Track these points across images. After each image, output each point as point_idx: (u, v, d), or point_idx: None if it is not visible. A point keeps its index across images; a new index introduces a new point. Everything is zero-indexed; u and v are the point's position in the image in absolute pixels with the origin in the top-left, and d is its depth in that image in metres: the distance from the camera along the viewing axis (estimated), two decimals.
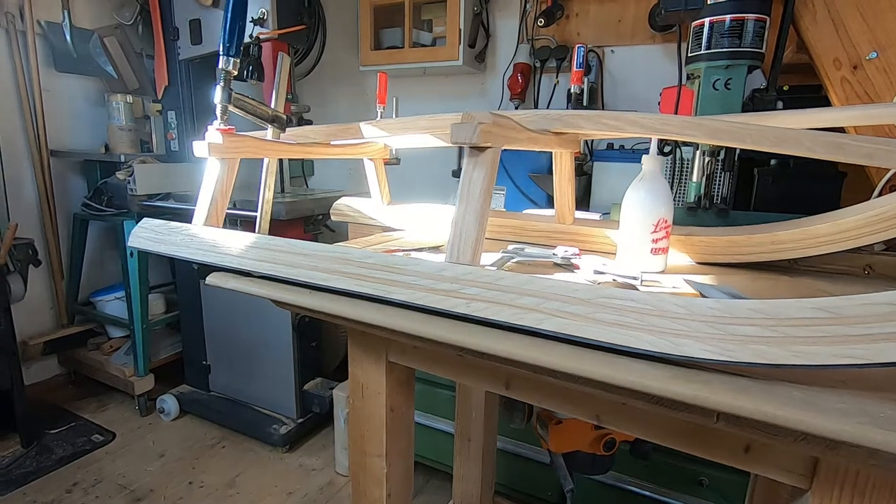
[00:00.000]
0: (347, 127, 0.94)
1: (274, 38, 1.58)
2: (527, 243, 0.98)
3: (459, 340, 0.51)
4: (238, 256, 0.68)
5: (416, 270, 0.55)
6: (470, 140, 0.53)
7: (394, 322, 0.55)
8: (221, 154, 0.75)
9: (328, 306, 0.60)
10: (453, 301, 0.53)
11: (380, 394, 0.71)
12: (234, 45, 0.74)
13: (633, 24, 1.66)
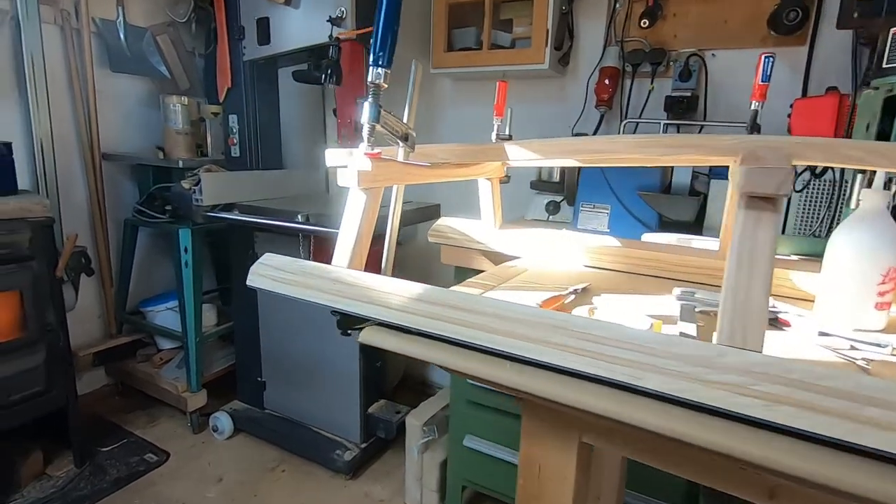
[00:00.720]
0: (487, 148, 0.82)
1: (352, 39, 1.46)
2: (683, 282, 0.85)
3: (770, 460, 0.38)
4: (401, 311, 0.56)
5: (678, 353, 0.43)
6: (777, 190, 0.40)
7: (654, 422, 0.43)
8: (371, 183, 0.63)
9: (547, 390, 0.47)
10: (741, 400, 0.40)
11: (566, 479, 0.59)
12: (386, 54, 0.62)
13: (742, 26, 1.51)
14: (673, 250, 0.90)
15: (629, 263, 0.92)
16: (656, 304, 0.73)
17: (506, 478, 1.36)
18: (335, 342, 1.72)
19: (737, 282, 0.43)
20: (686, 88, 1.53)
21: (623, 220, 1.32)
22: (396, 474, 1.73)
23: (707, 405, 0.41)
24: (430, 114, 2.08)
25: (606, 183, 1.32)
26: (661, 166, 1.30)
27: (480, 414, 1.38)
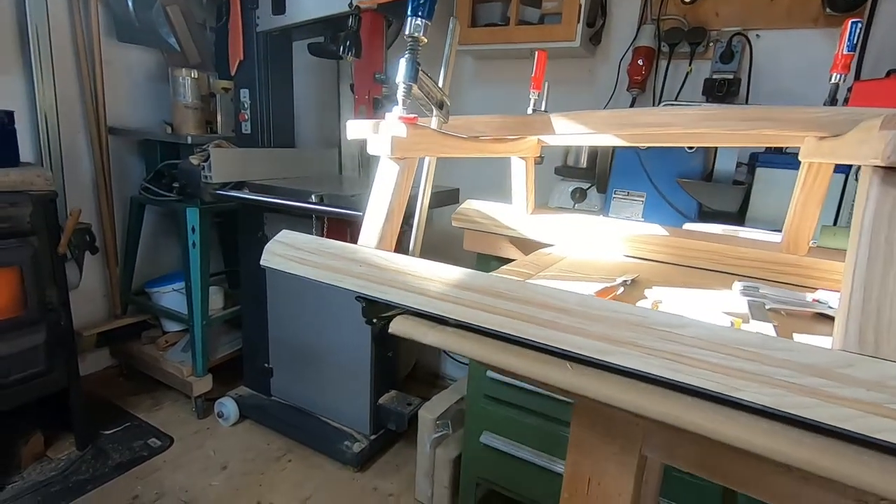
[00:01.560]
0: (530, 119, 0.73)
1: (373, 9, 1.37)
2: (740, 276, 0.77)
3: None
4: (440, 299, 0.48)
5: (791, 360, 0.35)
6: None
7: (757, 442, 0.35)
8: (405, 152, 0.55)
9: (618, 397, 0.40)
10: (875, 422, 0.32)
11: (621, 496, 0.51)
12: (428, 2, 0.54)
13: (791, 4, 1.40)
14: (727, 241, 0.81)
15: (678, 254, 0.83)
16: (718, 299, 0.65)
17: (525, 478, 1.29)
18: (345, 329, 1.65)
19: (869, 275, 0.34)
20: (727, 71, 1.43)
21: (659, 209, 1.23)
22: (406, 469, 1.67)
23: (830, 426, 0.33)
24: (454, 92, 1.99)
25: (643, 169, 1.23)
26: (703, 153, 1.21)
27: (499, 410, 1.31)
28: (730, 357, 0.37)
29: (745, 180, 1.25)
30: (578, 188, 1.54)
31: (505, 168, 0.96)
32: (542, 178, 1.61)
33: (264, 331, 1.84)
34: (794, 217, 0.73)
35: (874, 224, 0.35)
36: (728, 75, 1.43)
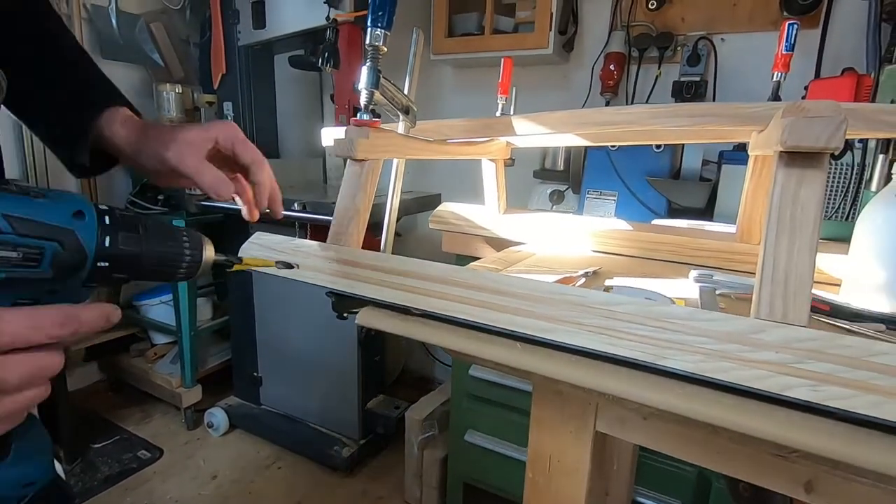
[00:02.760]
0: (493, 122, 0.77)
1: (350, 22, 1.42)
2: (699, 266, 0.81)
3: (815, 446, 0.34)
4: (402, 290, 0.52)
5: (709, 329, 0.39)
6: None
7: (680, 406, 0.38)
8: (368, 154, 0.58)
9: (560, 372, 0.43)
10: (784, 380, 0.35)
11: (577, 472, 0.55)
12: (386, 14, 0.58)
13: (752, 8, 1.46)
14: (687, 233, 0.85)
15: (641, 248, 0.87)
16: (673, 286, 0.69)
17: (509, 474, 1.31)
18: (333, 336, 1.67)
19: (777, 248, 0.38)
20: (694, 74, 1.49)
21: (631, 207, 1.28)
22: (396, 471, 1.69)
23: (743, 386, 0.37)
24: (430, 101, 2.04)
25: (613, 168, 1.27)
26: (670, 151, 1.26)
27: (482, 408, 1.34)
28: (658, 329, 0.40)
29: (713, 177, 1.30)
30: (556, 190, 1.58)
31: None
32: (520, 182, 1.66)
33: (253, 340, 1.86)
34: (746, 208, 0.77)
35: (780, 203, 0.39)
36: (695, 78, 1.48)
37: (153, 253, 0.34)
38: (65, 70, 0.52)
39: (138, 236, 0.33)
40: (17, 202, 0.28)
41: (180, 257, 0.36)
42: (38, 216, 0.28)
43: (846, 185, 1.07)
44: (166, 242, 0.35)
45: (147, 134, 0.51)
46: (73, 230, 0.30)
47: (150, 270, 0.35)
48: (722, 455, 0.47)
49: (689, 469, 1.11)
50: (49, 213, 0.29)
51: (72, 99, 0.51)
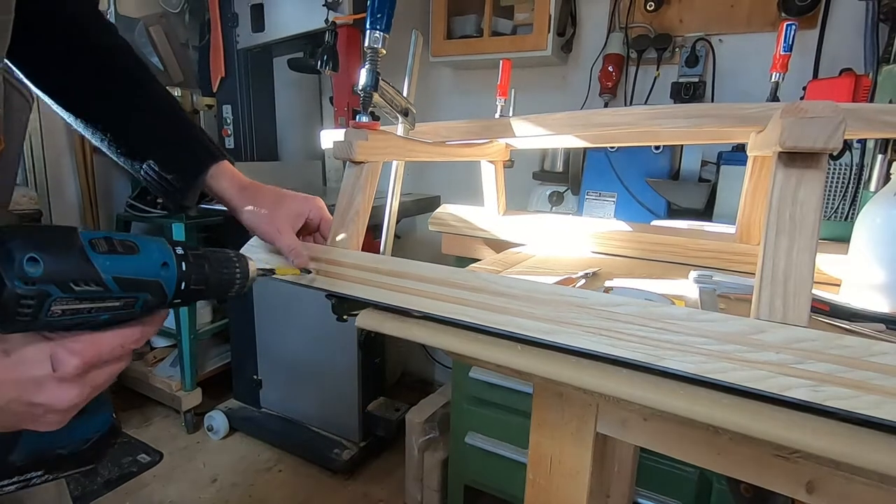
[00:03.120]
0: (492, 123, 0.77)
1: (349, 24, 1.42)
2: (699, 266, 0.81)
3: (815, 447, 0.34)
4: (402, 293, 0.52)
5: (708, 330, 0.38)
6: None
7: (681, 406, 0.38)
8: (368, 156, 0.58)
9: (561, 373, 0.43)
10: (784, 380, 0.35)
11: (578, 473, 0.54)
12: (384, 16, 0.58)
13: (750, 9, 1.47)
14: (687, 234, 0.85)
15: (640, 249, 0.87)
16: (673, 287, 0.69)
17: (510, 476, 1.31)
18: (333, 339, 1.67)
19: (776, 249, 0.38)
20: (693, 75, 1.49)
21: (630, 208, 1.28)
22: (396, 474, 1.68)
23: (744, 387, 0.37)
24: (428, 103, 2.04)
25: (613, 170, 1.27)
26: (669, 152, 1.26)
27: (483, 410, 1.34)
28: (658, 330, 0.40)
29: (713, 178, 1.30)
30: (555, 191, 1.58)
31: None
32: (520, 183, 1.67)
33: (253, 343, 1.86)
34: (746, 208, 0.77)
35: (780, 203, 0.39)
36: (694, 79, 1.48)
37: (215, 282, 0.40)
38: (178, 124, 0.61)
39: (205, 274, 0.39)
40: (122, 263, 0.34)
41: (234, 279, 0.43)
42: (136, 273, 0.34)
43: (845, 185, 1.07)
44: (223, 270, 0.41)
45: (250, 194, 0.61)
46: (159, 281, 0.36)
47: (211, 295, 0.41)
48: (723, 456, 0.47)
49: (691, 470, 1.11)
50: (143, 268, 0.35)
51: (185, 153, 0.60)
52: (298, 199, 0.61)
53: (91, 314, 0.33)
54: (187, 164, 0.60)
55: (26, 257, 0.29)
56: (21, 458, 0.37)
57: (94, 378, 0.35)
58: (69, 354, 0.33)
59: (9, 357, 0.32)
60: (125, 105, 0.59)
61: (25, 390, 0.32)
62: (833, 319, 0.52)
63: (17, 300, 0.29)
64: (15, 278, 0.29)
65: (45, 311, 0.30)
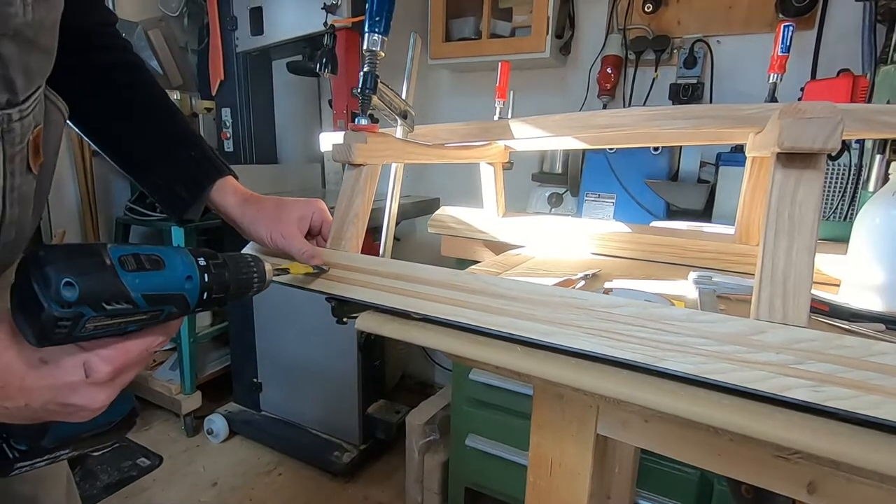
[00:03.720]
0: (491, 125, 0.77)
1: (347, 27, 1.42)
2: (698, 268, 0.81)
3: (817, 447, 0.34)
4: (402, 295, 0.52)
5: (708, 331, 0.39)
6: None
7: (681, 407, 0.38)
8: (367, 159, 0.58)
9: (561, 375, 0.43)
10: (784, 381, 0.35)
11: (579, 475, 0.54)
12: (383, 19, 0.58)
13: (748, 11, 1.47)
14: (686, 235, 0.85)
15: (640, 250, 0.87)
16: (672, 288, 0.69)
17: (511, 478, 1.31)
18: (332, 341, 1.67)
19: (775, 249, 0.38)
20: (691, 76, 1.49)
21: (629, 210, 1.28)
22: (397, 476, 1.68)
23: (744, 388, 0.37)
24: (427, 106, 2.04)
25: (612, 171, 1.27)
26: (668, 154, 1.26)
27: (483, 412, 1.34)
28: (658, 331, 0.40)
29: (711, 179, 1.30)
30: (555, 193, 1.58)
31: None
32: (519, 185, 1.67)
33: (252, 346, 1.85)
34: (745, 209, 0.77)
35: (779, 203, 0.39)
36: (692, 80, 1.49)
37: (234, 288, 0.42)
38: (185, 140, 0.63)
39: (226, 282, 0.41)
40: (149, 280, 0.35)
41: (252, 282, 0.44)
42: (162, 289, 0.36)
43: (844, 185, 1.07)
44: (241, 275, 0.43)
45: (252, 206, 0.62)
46: (183, 294, 0.37)
47: (232, 299, 0.43)
48: (723, 457, 0.47)
49: (691, 471, 1.10)
50: (169, 283, 0.37)
51: (191, 168, 0.61)
52: (300, 203, 0.61)
53: (120, 327, 0.35)
54: (193, 179, 0.61)
55: (63, 282, 0.31)
56: (51, 442, 0.39)
57: (122, 380, 0.38)
58: (101, 362, 0.36)
59: (46, 365, 0.35)
60: (137, 121, 0.62)
61: (60, 393, 0.35)
62: (833, 320, 0.52)
63: (55, 322, 0.31)
64: (52, 302, 0.31)
65: (80, 329, 0.33)
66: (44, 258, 0.31)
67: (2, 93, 0.41)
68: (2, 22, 0.38)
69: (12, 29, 0.39)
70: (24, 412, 0.35)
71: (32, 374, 0.34)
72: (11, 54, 0.40)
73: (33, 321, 0.32)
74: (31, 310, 0.31)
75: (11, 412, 0.35)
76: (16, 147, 0.44)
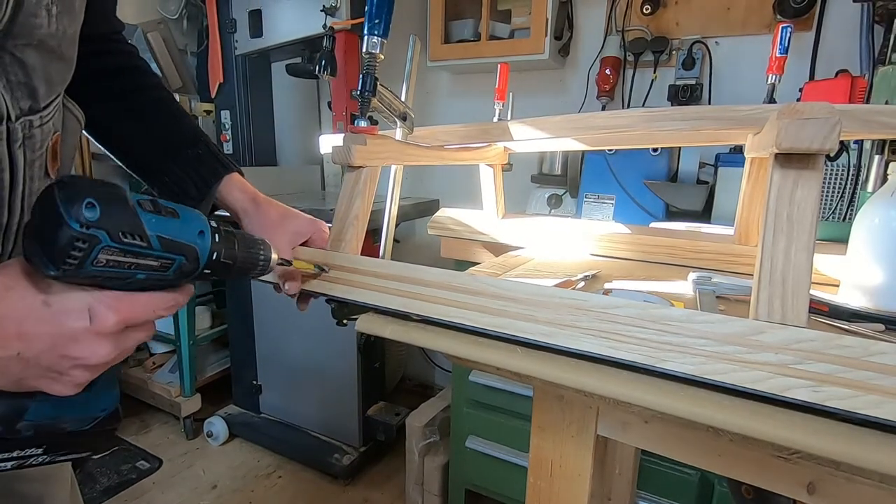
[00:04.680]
0: (490, 127, 0.78)
1: (346, 30, 1.42)
2: (698, 268, 0.81)
3: (816, 447, 0.34)
4: (402, 296, 0.52)
5: (708, 331, 0.39)
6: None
7: (681, 408, 0.38)
8: (366, 160, 0.58)
9: (562, 376, 0.43)
10: (783, 381, 0.35)
11: (579, 476, 0.54)
12: (382, 22, 0.58)
13: (746, 12, 1.47)
14: (686, 236, 0.85)
15: (639, 251, 0.87)
16: (672, 289, 0.69)
17: (511, 480, 1.31)
18: (332, 343, 1.67)
19: (774, 250, 0.38)
20: (690, 77, 1.50)
21: (629, 211, 1.28)
22: (397, 478, 1.68)
23: (744, 388, 0.37)
24: (427, 108, 2.04)
25: (611, 172, 1.28)
26: (667, 154, 1.26)
27: (483, 414, 1.33)
28: (658, 332, 0.40)
29: (711, 180, 1.30)
30: (554, 194, 1.58)
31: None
32: (518, 186, 1.67)
33: (252, 348, 1.85)
34: (744, 210, 0.78)
35: (777, 204, 0.39)
36: (691, 81, 1.49)
37: (241, 259, 0.43)
38: (192, 139, 0.64)
39: (234, 249, 0.42)
40: (164, 224, 0.35)
41: (258, 261, 0.45)
42: (176, 236, 0.36)
43: (843, 186, 1.08)
44: (249, 250, 0.44)
45: (257, 211, 0.62)
46: (195, 247, 0.37)
47: (235, 272, 0.43)
48: (724, 457, 0.47)
49: (692, 472, 1.10)
50: (183, 232, 0.37)
51: (198, 166, 0.62)
52: (302, 220, 0.61)
53: (129, 269, 0.34)
54: (200, 177, 0.62)
55: (86, 201, 0.31)
56: (29, 427, 0.37)
57: (125, 339, 0.37)
58: (107, 309, 0.34)
59: (49, 308, 0.33)
60: (145, 123, 0.63)
61: (60, 343, 0.33)
62: (832, 320, 0.52)
63: (72, 242, 0.30)
64: (73, 219, 0.30)
65: (92, 259, 0.32)
66: (70, 180, 0.32)
67: (24, 99, 0.42)
68: (28, 32, 0.40)
69: (37, 39, 0.41)
70: (12, 367, 0.33)
71: (33, 318, 0.33)
72: (35, 63, 0.42)
73: (50, 240, 0.31)
74: (49, 229, 0.31)
75: (0, 365, 0.33)
76: (35, 153, 0.45)
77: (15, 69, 0.40)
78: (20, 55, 0.40)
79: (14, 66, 0.40)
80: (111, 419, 0.43)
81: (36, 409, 0.37)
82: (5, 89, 0.40)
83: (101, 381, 0.39)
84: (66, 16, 0.44)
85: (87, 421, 0.41)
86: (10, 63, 0.40)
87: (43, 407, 0.37)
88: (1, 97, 0.40)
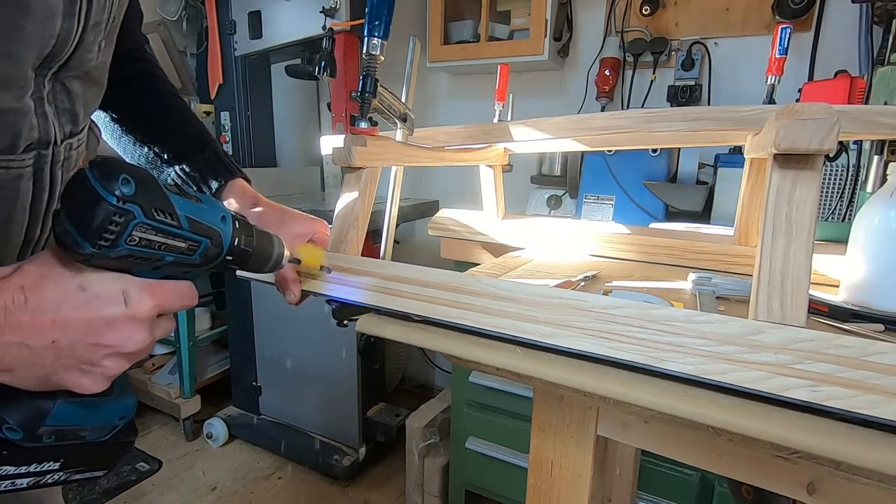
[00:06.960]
0: (490, 128, 0.78)
1: (346, 31, 1.43)
2: (698, 269, 0.81)
3: (816, 447, 0.34)
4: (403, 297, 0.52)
5: (708, 331, 0.39)
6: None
7: (681, 408, 0.38)
8: (367, 161, 0.59)
9: (562, 376, 0.43)
10: (783, 381, 0.36)
11: (580, 477, 0.54)
12: (382, 24, 0.58)
13: (745, 13, 1.48)
14: (686, 236, 0.86)
15: (639, 251, 0.87)
16: (672, 289, 0.69)
17: (511, 481, 1.31)
18: (332, 344, 1.67)
19: (773, 250, 0.38)
20: (689, 78, 1.50)
21: (628, 211, 1.28)
22: (397, 479, 1.68)
23: (743, 388, 0.37)
24: (427, 109, 2.05)
25: (610, 173, 1.28)
26: (666, 155, 1.27)
27: (483, 415, 1.33)
28: (658, 332, 0.40)
29: (710, 180, 1.31)
30: (553, 195, 1.59)
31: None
32: (518, 187, 1.67)
33: (252, 350, 1.85)
34: (743, 210, 0.78)
35: (776, 204, 0.39)
36: (690, 82, 1.49)
37: (258, 250, 0.44)
38: (199, 143, 0.65)
39: (252, 238, 0.43)
40: (191, 206, 0.36)
41: (272, 253, 0.46)
42: (203, 218, 0.37)
43: (842, 186, 1.08)
44: (265, 242, 0.45)
45: (257, 212, 0.63)
46: (219, 231, 0.39)
47: (252, 262, 0.44)
48: (724, 457, 0.47)
49: (692, 473, 1.10)
50: (208, 216, 0.38)
51: (204, 170, 0.63)
52: (302, 220, 0.61)
53: (159, 251, 0.34)
54: (204, 180, 0.63)
55: (122, 177, 0.31)
56: (50, 433, 0.36)
57: (157, 327, 0.37)
58: (142, 293, 0.35)
59: (84, 293, 0.33)
60: (154, 127, 0.64)
61: (95, 328, 0.33)
62: (831, 320, 0.53)
63: (109, 217, 0.31)
64: (110, 194, 0.31)
65: (126, 236, 0.32)
66: (103, 161, 0.32)
67: (67, 124, 0.45)
68: (79, 65, 0.43)
69: (84, 70, 0.44)
70: (46, 358, 0.32)
71: (69, 304, 0.32)
72: (78, 91, 0.45)
73: (87, 217, 0.31)
74: (85, 207, 0.31)
75: (33, 357, 0.32)
76: (69, 172, 0.47)
77: (62, 97, 0.43)
78: (68, 84, 0.43)
79: (62, 94, 0.43)
80: (128, 430, 0.43)
81: (58, 411, 0.36)
82: (54, 116, 0.42)
83: (118, 385, 0.39)
84: (109, 47, 0.47)
85: (105, 430, 0.40)
86: (59, 91, 0.43)
87: (65, 409, 0.36)
88: (51, 123, 0.42)
